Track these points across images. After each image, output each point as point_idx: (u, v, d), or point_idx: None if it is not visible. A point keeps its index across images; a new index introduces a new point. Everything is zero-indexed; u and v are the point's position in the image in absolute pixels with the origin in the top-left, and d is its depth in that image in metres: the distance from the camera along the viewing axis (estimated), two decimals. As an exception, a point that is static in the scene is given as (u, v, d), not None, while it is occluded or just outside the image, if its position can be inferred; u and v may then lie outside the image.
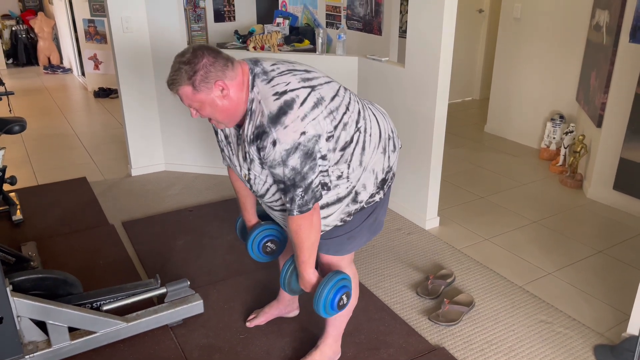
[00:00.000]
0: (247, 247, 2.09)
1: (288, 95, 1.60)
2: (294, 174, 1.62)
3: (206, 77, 1.57)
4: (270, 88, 1.62)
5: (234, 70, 1.63)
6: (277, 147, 1.58)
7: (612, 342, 2.28)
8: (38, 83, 7.35)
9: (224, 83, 1.60)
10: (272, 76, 1.65)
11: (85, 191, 3.77)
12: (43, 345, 2.08)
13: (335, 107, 1.67)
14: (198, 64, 1.57)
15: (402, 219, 3.40)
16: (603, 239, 3.16)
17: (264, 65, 1.69)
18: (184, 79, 1.58)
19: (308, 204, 1.68)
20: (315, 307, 1.84)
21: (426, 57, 3.00)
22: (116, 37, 3.70)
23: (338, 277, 1.84)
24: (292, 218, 1.71)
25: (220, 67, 1.59)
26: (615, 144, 3.48)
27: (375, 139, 1.80)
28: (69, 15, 7.23)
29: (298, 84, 1.64)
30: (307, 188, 1.65)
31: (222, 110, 1.64)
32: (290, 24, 5.69)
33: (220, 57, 1.61)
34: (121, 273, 2.76)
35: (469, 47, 6.07)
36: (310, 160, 1.61)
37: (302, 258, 1.81)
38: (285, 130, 1.57)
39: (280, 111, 1.58)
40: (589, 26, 4.08)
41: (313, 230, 1.75)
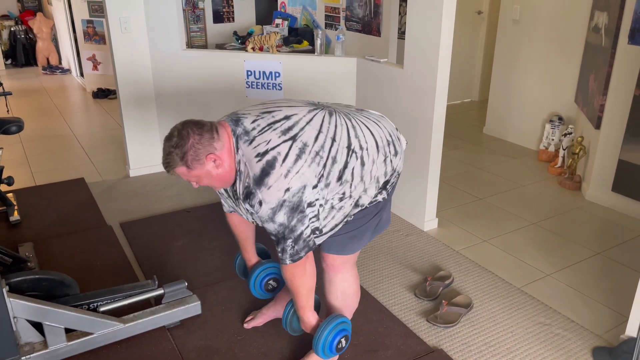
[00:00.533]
0: (250, 286, 2.20)
1: (270, 155, 1.66)
2: (283, 229, 1.69)
3: (197, 155, 1.66)
4: (252, 150, 1.69)
5: (221, 139, 1.69)
6: (263, 206, 1.66)
7: (611, 344, 2.28)
8: (37, 84, 7.34)
9: (215, 155, 1.69)
10: (253, 136, 1.71)
11: (83, 192, 3.76)
12: (39, 346, 2.07)
13: (320, 146, 1.71)
14: (186, 145, 1.65)
15: (400, 220, 3.39)
16: (602, 241, 3.15)
17: (244, 124, 1.74)
18: (176, 161, 1.67)
19: (299, 253, 1.75)
20: (314, 349, 1.93)
21: (425, 59, 2.99)
22: (114, 38, 3.69)
23: (338, 321, 1.92)
24: (285, 267, 1.78)
25: (207, 141, 1.67)
26: (613, 146, 3.48)
27: (372, 151, 1.81)
28: (67, 15, 7.22)
29: (278, 140, 1.69)
30: (297, 239, 1.72)
31: (218, 178, 1.73)
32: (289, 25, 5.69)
33: (204, 131, 1.68)
34: (118, 274, 2.76)
35: (468, 49, 6.07)
36: (297, 213, 1.67)
37: (300, 304, 1.91)
38: (269, 190, 1.64)
39: (262, 173, 1.65)
40: (588, 28, 4.08)
41: (307, 278, 1.83)
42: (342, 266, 1.97)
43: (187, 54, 3.84)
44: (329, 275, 2.00)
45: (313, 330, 1.96)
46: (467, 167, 4.30)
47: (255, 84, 3.76)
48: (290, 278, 1.81)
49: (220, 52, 3.93)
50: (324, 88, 3.64)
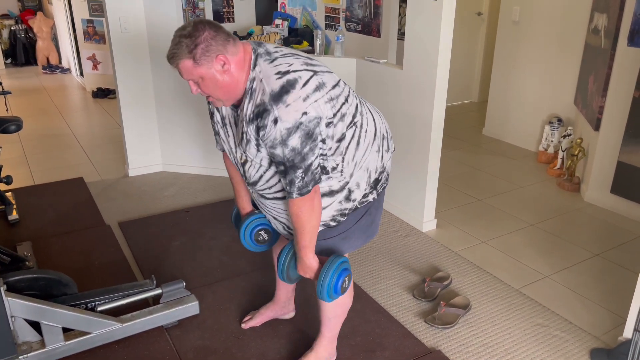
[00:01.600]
0: (240, 235, 2.06)
1: (291, 75, 1.59)
2: (294, 155, 1.59)
3: (207, 51, 1.55)
4: (273, 67, 1.62)
5: (236, 47, 1.62)
6: (279, 125, 1.55)
7: (609, 346, 2.28)
8: (36, 83, 7.34)
9: (225, 57, 1.58)
10: (275, 57, 1.65)
11: (82, 191, 3.76)
12: (37, 345, 2.07)
13: (335, 95, 1.67)
14: (199, 37, 1.55)
15: (399, 221, 3.39)
16: (600, 243, 3.15)
17: (267, 46, 1.69)
18: (184, 52, 1.56)
19: (308, 185, 1.66)
20: (319, 292, 1.81)
21: (424, 60, 2.99)
22: (114, 37, 3.69)
23: (340, 261, 1.82)
24: (292, 201, 1.69)
25: (222, 41, 1.58)
26: (612, 148, 3.48)
27: (370, 135, 1.80)
28: (67, 15, 7.22)
29: (301, 66, 1.64)
30: (306, 169, 1.63)
31: (223, 85, 1.61)
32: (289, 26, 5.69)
33: (221, 31, 1.60)
34: (117, 274, 2.75)
35: (467, 50, 6.07)
36: (311, 141, 1.59)
37: (303, 242, 1.78)
38: (287, 108, 1.55)
39: (282, 89, 1.57)
40: (587, 30, 4.08)
41: (314, 214, 1.72)
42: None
43: (186, 53, 3.83)
44: None
45: (312, 273, 1.84)
46: (466, 168, 4.30)
47: (255, 84, 3.75)
48: (297, 213, 1.70)
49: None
50: (323, 88, 3.64)
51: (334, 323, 2.09)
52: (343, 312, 2.08)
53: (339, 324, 2.11)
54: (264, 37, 3.79)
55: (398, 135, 3.29)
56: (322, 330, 2.11)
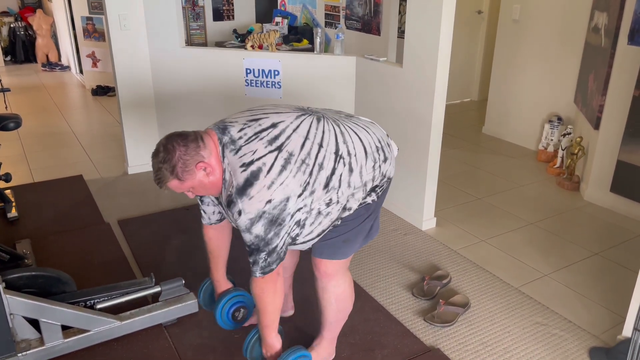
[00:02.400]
0: (216, 315, 2.17)
1: (254, 166, 1.66)
2: (258, 241, 1.68)
3: (186, 166, 1.66)
4: (238, 159, 1.68)
5: (207, 147, 1.69)
6: (242, 216, 1.65)
7: (608, 345, 2.28)
8: (36, 80, 7.33)
9: (204, 163, 1.68)
10: (239, 145, 1.70)
11: (81, 189, 3.76)
12: (36, 343, 2.07)
13: (306, 154, 1.70)
14: (173, 158, 1.65)
15: (398, 219, 3.39)
16: (599, 241, 3.15)
17: (231, 133, 1.73)
18: (167, 176, 1.67)
19: (271, 265, 1.74)
20: None
21: (424, 58, 2.99)
22: (114, 35, 3.69)
23: (299, 354, 1.91)
24: (255, 281, 1.78)
25: (194, 151, 1.67)
26: (612, 147, 3.48)
27: (361, 157, 1.80)
28: (67, 12, 7.21)
29: (264, 150, 1.68)
30: (270, 252, 1.71)
31: (212, 185, 1.72)
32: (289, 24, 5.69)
33: (189, 141, 1.68)
34: (116, 271, 2.75)
35: (467, 49, 6.06)
36: (275, 226, 1.66)
37: (265, 322, 1.88)
38: (250, 201, 1.63)
39: (246, 183, 1.64)
40: (588, 28, 4.08)
41: (277, 295, 1.82)
42: (335, 273, 1.95)
43: (186, 51, 3.83)
44: (322, 283, 1.97)
45: (272, 352, 1.94)
46: (466, 166, 4.30)
47: (255, 82, 3.76)
48: (259, 293, 1.80)
49: (219, 49, 3.93)
50: (323, 87, 3.64)
51: (334, 326, 2.10)
52: (344, 316, 2.08)
53: (340, 326, 2.12)
54: (264, 35, 3.78)
55: (398, 133, 3.29)
56: (323, 332, 2.12)
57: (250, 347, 2.02)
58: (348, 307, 2.07)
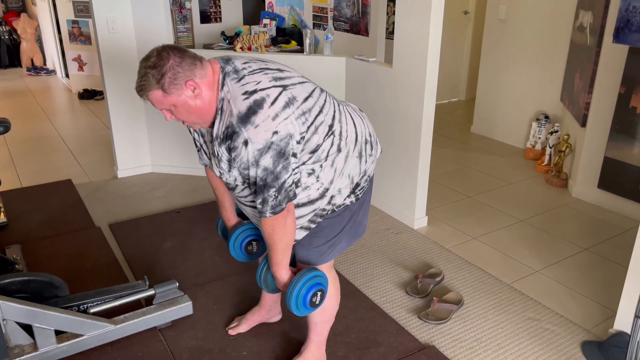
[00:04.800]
0: (229, 248, 2.05)
1: (258, 95, 1.56)
2: (267, 174, 1.57)
3: (175, 79, 1.53)
4: (240, 87, 1.58)
5: (203, 69, 1.59)
6: (249, 147, 1.54)
7: (599, 338, 2.31)
8: (21, 85, 7.25)
9: (195, 82, 1.55)
10: (242, 75, 1.61)
11: (70, 193, 3.72)
12: (29, 348, 2.05)
13: (307, 108, 1.63)
14: (164, 65, 1.52)
15: (390, 218, 3.41)
16: (588, 237, 3.19)
17: (235, 63, 1.64)
18: (152, 83, 1.53)
19: (281, 203, 1.63)
20: (288, 305, 1.79)
21: (414, 58, 3.01)
22: (101, 38, 3.66)
23: (311, 274, 1.78)
24: (265, 220, 1.67)
25: (188, 66, 1.55)
26: (599, 143, 3.53)
27: (351, 142, 1.77)
28: (52, 16, 7.14)
29: (269, 83, 1.60)
30: (280, 188, 1.60)
31: (196, 110, 1.59)
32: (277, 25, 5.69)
33: (187, 55, 1.57)
34: (108, 275, 2.73)
35: (454, 49, 6.11)
36: (283, 159, 1.56)
37: (275, 259, 1.78)
38: (256, 129, 1.53)
39: (249, 111, 1.54)
40: (573, 27, 4.13)
41: (287, 232, 1.71)
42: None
43: (175, 54, 3.81)
44: None
45: (285, 288, 1.83)
46: (456, 165, 4.33)
47: (244, 83, 3.74)
48: (270, 231, 1.69)
49: (208, 51, 3.92)
50: (313, 87, 3.64)
51: (320, 328, 2.05)
52: (330, 317, 2.05)
53: (327, 328, 2.08)
54: (252, 37, 3.78)
55: (388, 133, 3.31)
56: (310, 335, 2.08)
57: (262, 277, 1.93)
58: (333, 307, 2.03)
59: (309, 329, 2.07)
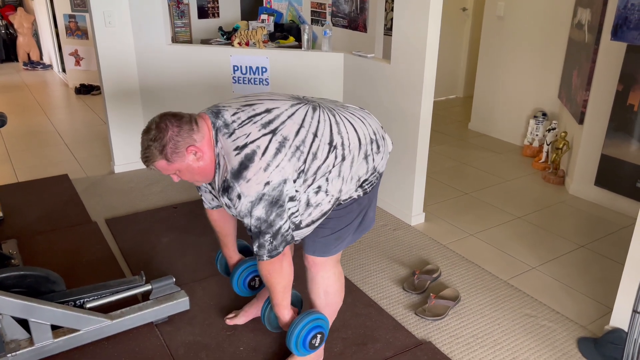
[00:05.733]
0: (233, 284, 2.19)
1: (249, 148, 1.63)
2: (260, 223, 1.66)
3: (176, 148, 1.63)
4: (232, 143, 1.66)
5: (200, 131, 1.66)
6: (242, 200, 1.63)
7: (595, 335, 2.32)
8: (17, 79, 7.22)
9: (195, 147, 1.65)
10: (232, 129, 1.68)
11: (67, 188, 3.71)
12: (25, 343, 2.05)
13: (301, 140, 1.68)
14: (164, 137, 1.62)
15: (387, 215, 3.41)
16: (585, 234, 3.20)
17: (225, 117, 1.70)
18: (155, 155, 1.64)
19: (278, 248, 1.72)
20: (288, 345, 1.90)
21: (412, 54, 3.01)
22: (98, 33, 3.64)
23: (312, 317, 1.89)
24: (261, 264, 1.76)
25: (187, 133, 1.64)
26: (596, 141, 3.54)
27: (355, 148, 1.79)
28: (49, 10, 7.11)
29: (258, 133, 1.66)
30: (275, 234, 1.69)
31: (200, 171, 1.70)
32: (275, 21, 5.67)
33: (183, 122, 1.65)
34: (105, 271, 2.73)
35: (452, 46, 6.11)
36: (277, 207, 1.64)
37: (276, 301, 1.89)
38: (248, 183, 1.61)
39: (241, 166, 1.62)
40: (571, 24, 4.13)
41: (284, 275, 1.80)
42: (323, 264, 1.94)
43: (172, 48, 3.80)
44: (311, 274, 1.97)
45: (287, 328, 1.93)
46: (453, 162, 4.33)
47: (242, 79, 3.75)
48: (267, 275, 1.79)
49: (206, 47, 3.91)
50: (311, 83, 3.64)
51: None
52: (332, 312, 2.06)
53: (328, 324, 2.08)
54: (250, 33, 3.77)
55: (386, 129, 3.31)
56: None
57: (266, 316, 2.04)
58: (337, 302, 2.04)
59: None
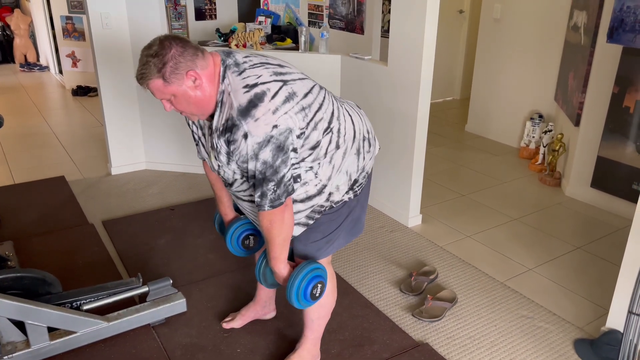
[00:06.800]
0: (226, 242, 2.06)
1: (259, 88, 1.56)
2: (266, 168, 1.57)
3: (176, 68, 1.53)
4: (241, 80, 1.58)
5: (205, 60, 1.58)
6: (249, 140, 1.54)
7: (592, 336, 2.32)
8: (14, 81, 7.20)
9: (196, 73, 1.55)
10: (243, 68, 1.61)
11: (63, 190, 3.71)
12: (22, 345, 2.04)
13: (307, 104, 1.63)
14: (166, 55, 1.52)
15: (384, 216, 3.41)
16: (581, 236, 3.21)
17: (236, 57, 1.64)
18: (153, 72, 1.53)
19: (280, 197, 1.63)
20: (288, 298, 1.80)
21: (409, 56, 3.01)
22: (95, 34, 3.64)
23: (311, 267, 1.79)
24: (263, 213, 1.67)
25: (190, 56, 1.55)
26: (592, 143, 3.55)
27: (349, 138, 1.78)
28: (46, 12, 7.10)
29: (270, 77, 1.60)
30: (279, 182, 1.60)
31: (196, 101, 1.59)
32: (272, 23, 5.68)
33: (189, 46, 1.57)
34: (102, 272, 2.72)
35: (449, 48, 6.12)
36: (283, 153, 1.57)
37: (274, 254, 1.78)
38: (256, 122, 1.53)
39: (250, 104, 1.54)
40: (567, 27, 4.15)
41: (285, 226, 1.71)
42: None
43: (169, 50, 3.79)
44: None
45: (285, 282, 1.83)
46: (450, 164, 4.34)
47: (239, 81, 3.74)
48: (267, 226, 1.69)
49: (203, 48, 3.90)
50: (308, 85, 3.64)
51: (317, 325, 2.06)
52: (326, 313, 2.05)
53: (323, 325, 2.08)
54: (247, 34, 3.77)
55: (383, 131, 3.31)
56: (305, 332, 2.08)
57: (261, 272, 1.94)
58: (330, 303, 2.03)
59: (305, 326, 2.07)
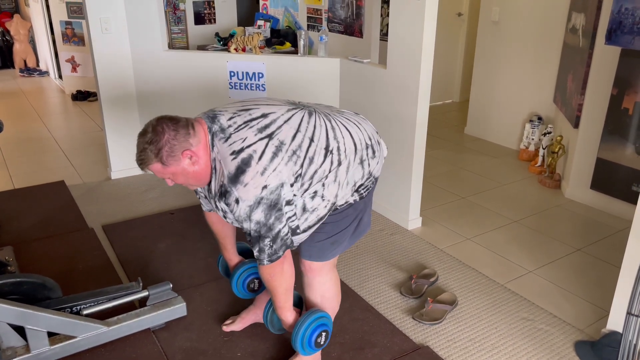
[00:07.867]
0: (232, 286, 2.18)
1: (245, 153, 1.63)
2: (260, 227, 1.66)
3: (172, 151, 1.63)
4: (228, 147, 1.66)
5: (197, 135, 1.67)
6: (241, 204, 1.63)
7: (592, 338, 2.32)
8: (14, 86, 7.21)
9: (191, 151, 1.65)
10: (229, 133, 1.68)
11: (63, 195, 3.71)
12: (22, 350, 2.04)
13: (297, 145, 1.68)
14: (160, 140, 1.62)
15: (384, 219, 3.41)
16: (581, 238, 3.21)
17: (221, 121, 1.71)
18: (151, 158, 1.64)
19: (277, 252, 1.71)
20: (293, 345, 1.90)
21: (408, 59, 3.02)
22: (95, 39, 3.65)
23: (316, 316, 1.89)
24: (262, 267, 1.76)
25: (183, 137, 1.64)
26: (592, 144, 3.55)
27: (350, 153, 1.80)
28: (45, 17, 7.12)
29: (255, 137, 1.66)
30: (274, 238, 1.69)
31: (194, 175, 1.70)
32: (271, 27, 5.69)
33: (180, 126, 1.65)
34: (102, 277, 2.72)
35: (448, 50, 6.13)
36: (276, 210, 1.64)
37: (278, 304, 1.89)
38: (245, 188, 1.61)
39: (238, 170, 1.62)
40: (566, 29, 4.16)
41: (285, 277, 1.80)
42: (320, 269, 1.95)
43: (169, 54, 3.81)
44: (307, 279, 1.98)
45: (291, 329, 1.94)
46: (449, 166, 4.34)
47: (239, 84, 3.75)
48: (268, 278, 1.79)
49: (203, 52, 3.91)
50: (307, 89, 3.65)
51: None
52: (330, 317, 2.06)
53: None
54: (246, 38, 3.78)
55: (382, 134, 3.31)
56: None
57: (269, 319, 2.06)
58: (334, 307, 2.05)
59: None
